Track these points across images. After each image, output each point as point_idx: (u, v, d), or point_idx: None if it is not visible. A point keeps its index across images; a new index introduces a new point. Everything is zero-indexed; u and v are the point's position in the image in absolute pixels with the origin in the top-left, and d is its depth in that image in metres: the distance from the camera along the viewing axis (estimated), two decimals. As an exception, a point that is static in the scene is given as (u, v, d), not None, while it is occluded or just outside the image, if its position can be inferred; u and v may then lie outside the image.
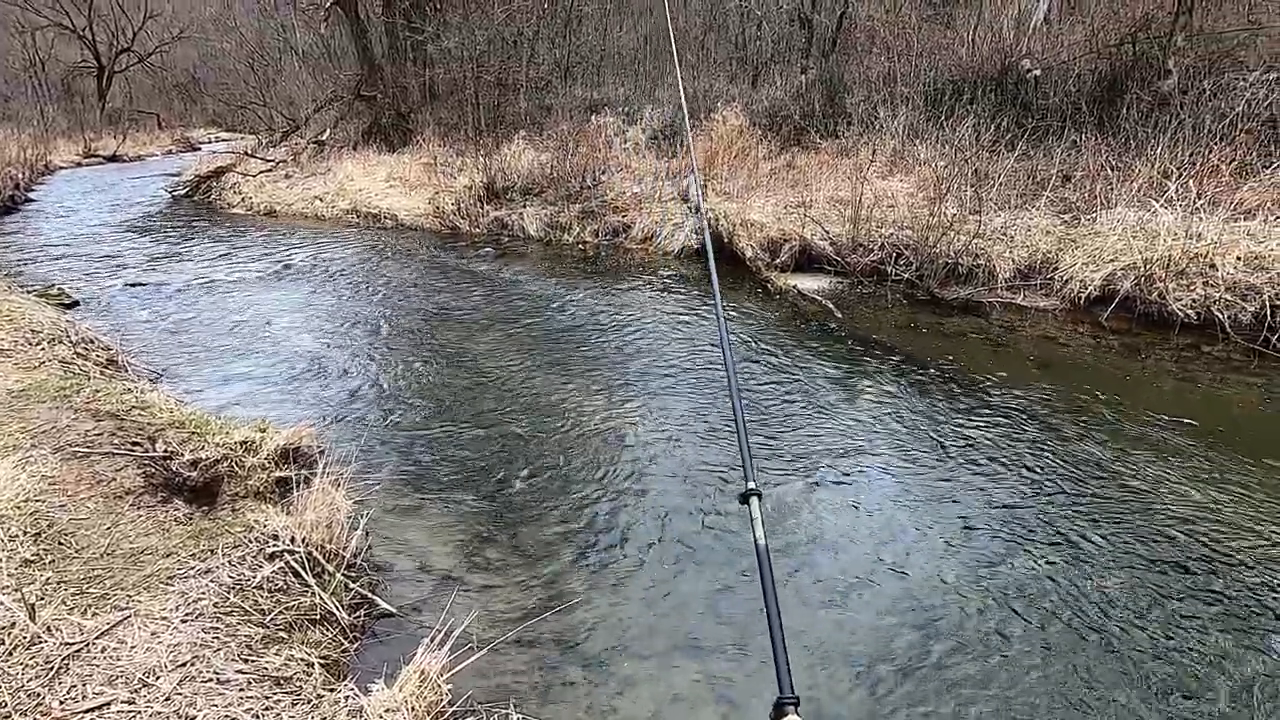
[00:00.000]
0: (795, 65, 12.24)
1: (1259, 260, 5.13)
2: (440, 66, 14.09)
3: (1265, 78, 6.89)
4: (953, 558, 3.01)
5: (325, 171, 12.59)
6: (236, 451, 3.46)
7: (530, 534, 3.23)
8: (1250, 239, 5.40)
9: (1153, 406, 4.22)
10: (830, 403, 4.41)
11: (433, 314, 6.45)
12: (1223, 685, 2.37)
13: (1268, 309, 4.90)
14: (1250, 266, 5.12)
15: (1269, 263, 5.09)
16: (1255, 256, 5.17)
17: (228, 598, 2.47)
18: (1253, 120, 6.56)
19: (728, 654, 2.55)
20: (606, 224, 8.96)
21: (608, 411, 4.38)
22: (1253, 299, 4.99)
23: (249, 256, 8.68)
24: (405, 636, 2.58)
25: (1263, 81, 6.82)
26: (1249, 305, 4.99)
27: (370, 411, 4.48)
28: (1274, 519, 3.15)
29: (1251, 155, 6.29)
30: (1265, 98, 6.63)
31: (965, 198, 6.70)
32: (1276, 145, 6.43)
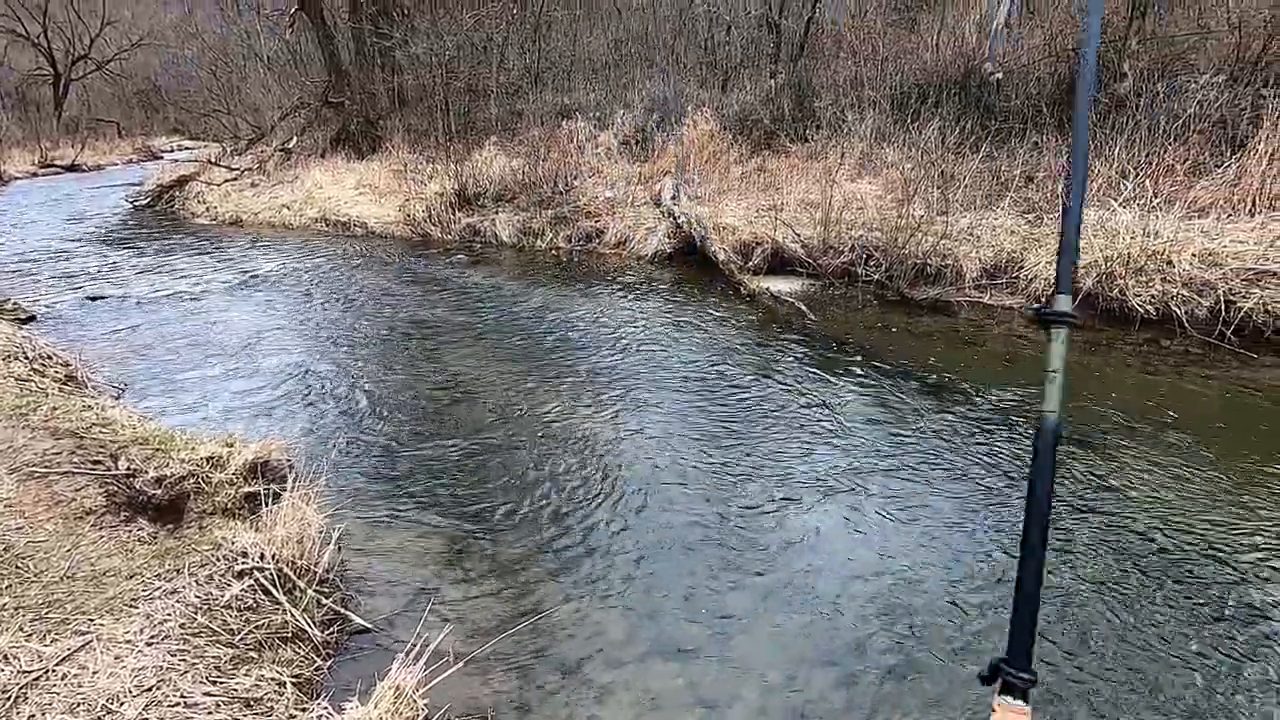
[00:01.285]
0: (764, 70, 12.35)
1: (1213, 257, 5.30)
2: (409, 72, 13.97)
3: (1215, 80, 7.12)
4: (923, 553, 3.05)
5: (293, 179, 12.39)
6: (203, 467, 3.39)
7: (507, 543, 3.21)
8: (1204, 236, 5.58)
9: (1117, 400, 4.33)
10: (804, 404, 4.45)
11: (404, 322, 6.38)
12: (1190, 671, 2.43)
13: (1222, 304, 5.06)
14: (1205, 263, 5.28)
15: (1222, 259, 5.25)
16: (1209, 253, 5.34)
17: (194, 618, 2.41)
18: (1204, 121, 6.78)
19: (706, 657, 2.55)
20: (579, 229, 8.95)
21: (584, 419, 4.36)
22: (1208, 294, 5.15)
23: (214, 267, 8.51)
24: (380, 652, 2.55)
25: (1212, 84, 7.05)
26: (1205, 300, 5.14)
27: (342, 423, 4.42)
28: (1234, 506, 3.25)
29: (1204, 155, 6.50)
30: (1215, 99, 6.85)
31: (932, 199, 6.82)
32: (1227, 145, 6.64)
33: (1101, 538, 3.11)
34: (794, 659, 2.53)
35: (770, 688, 2.42)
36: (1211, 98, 6.89)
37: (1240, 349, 4.86)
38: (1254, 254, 5.21)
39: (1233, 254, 5.28)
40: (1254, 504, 3.28)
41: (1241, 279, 5.11)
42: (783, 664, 2.51)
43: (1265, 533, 3.09)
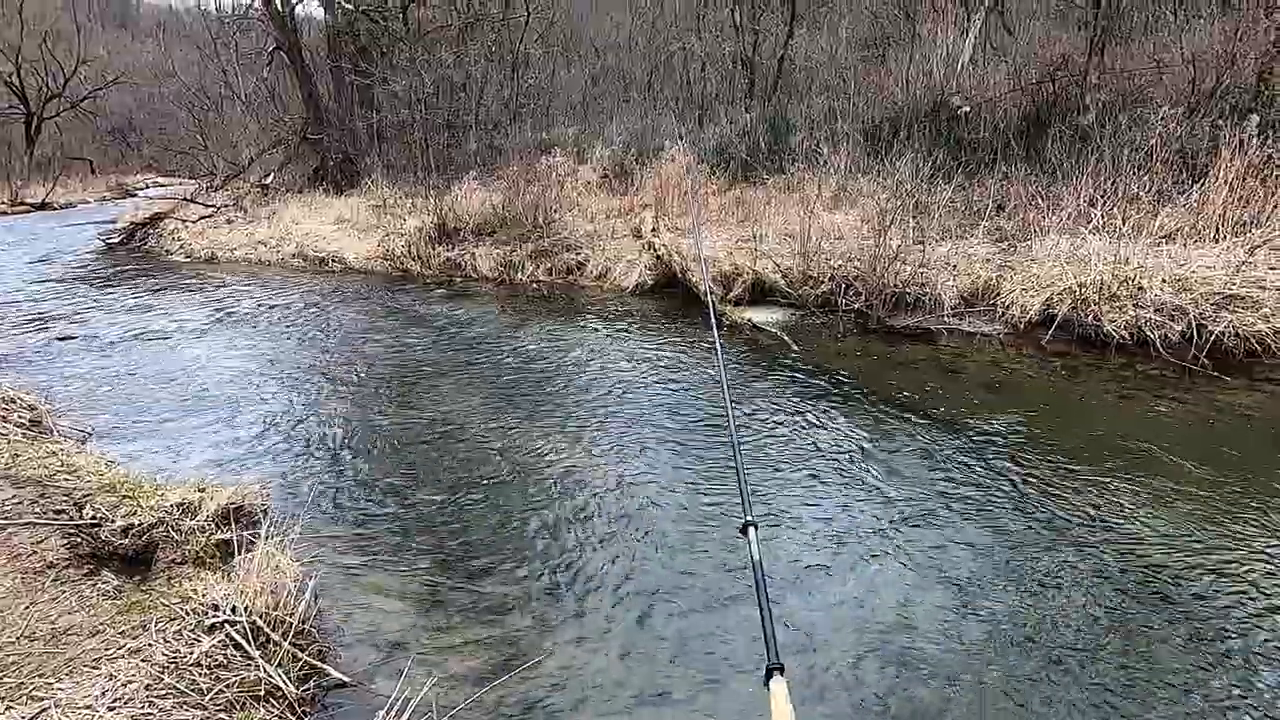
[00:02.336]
0: (739, 105, 12.61)
1: (1182, 282, 5.42)
2: (388, 109, 14.05)
3: (1173, 112, 7.38)
4: (900, 578, 3.01)
5: (270, 215, 12.32)
6: (173, 515, 3.27)
7: (490, 589, 3.11)
8: (1172, 262, 5.72)
9: (1095, 424, 4.36)
10: (788, 434, 4.43)
11: (384, 360, 6.29)
12: (1161, 683, 2.40)
13: (1193, 328, 5.16)
14: (1175, 288, 5.40)
15: (1191, 284, 5.38)
16: (1178, 279, 5.47)
17: (161, 678, 2.29)
18: (1166, 151, 7.00)
19: (696, 702, 2.47)
20: (560, 262, 8.96)
21: (566, 458, 4.30)
22: (1179, 319, 5.25)
23: (188, 305, 8.36)
24: (360, 708, 2.43)
25: (1171, 115, 7.30)
26: (1176, 324, 5.25)
27: (318, 466, 4.30)
28: (1209, 527, 3.26)
29: (1167, 183, 6.70)
30: (1175, 130, 7.09)
31: (908, 229, 6.93)
32: (1188, 174, 6.86)
33: (1082, 561, 3.09)
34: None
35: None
36: (1171, 129, 7.13)
37: (1213, 372, 4.94)
38: (1221, 279, 5.34)
39: (1201, 279, 5.41)
40: (1229, 524, 3.29)
41: (1211, 303, 5.22)
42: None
43: (1241, 551, 3.09)
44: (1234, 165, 6.25)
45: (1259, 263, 5.48)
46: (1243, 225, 6.09)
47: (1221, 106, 7.47)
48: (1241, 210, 6.18)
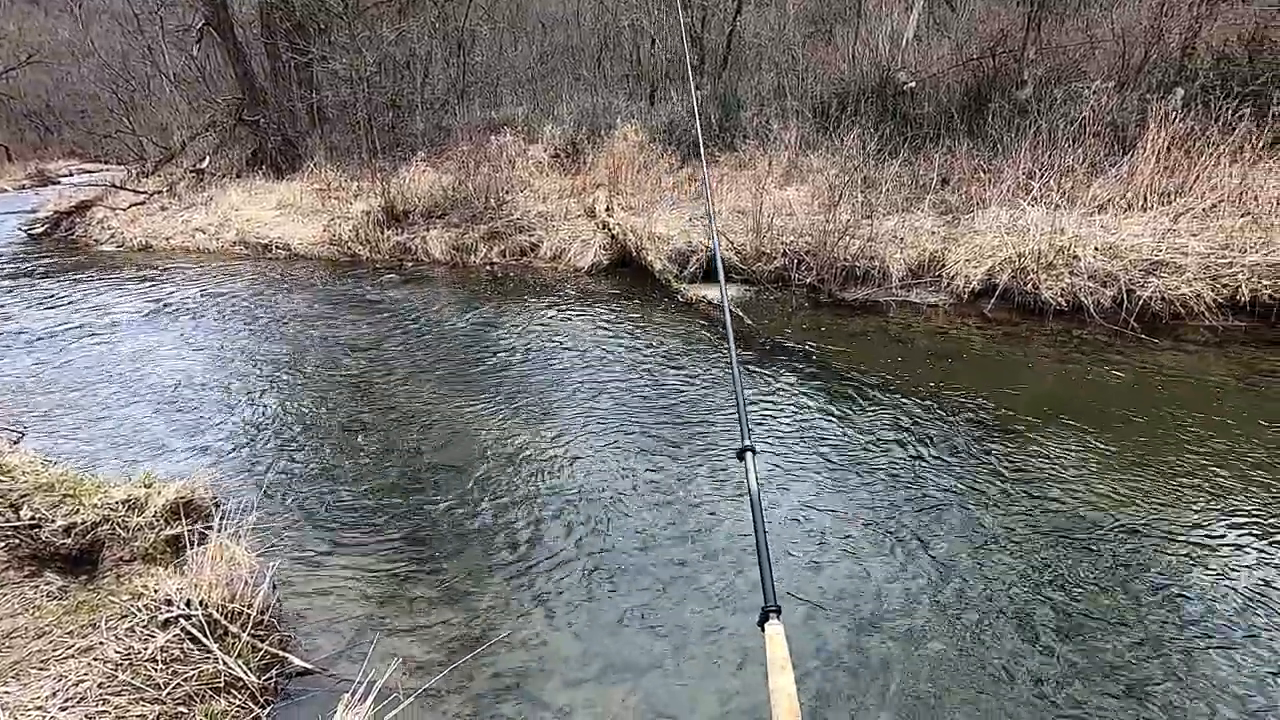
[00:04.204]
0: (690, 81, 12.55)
1: (1113, 250, 5.68)
2: (329, 88, 13.54)
3: (1105, 86, 7.66)
4: (850, 537, 3.13)
5: (207, 202, 11.80)
6: (118, 512, 3.17)
7: (453, 569, 3.11)
8: (1104, 231, 5.98)
9: (1033, 387, 4.57)
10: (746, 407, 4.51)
11: (334, 347, 6.14)
12: (1092, 618, 2.57)
13: (1124, 294, 5.42)
14: (1107, 256, 5.65)
15: (1122, 252, 5.64)
16: (1110, 247, 5.72)
17: (115, 676, 2.24)
18: (1098, 124, 7.28)
19: (663, 669, 2.54)
20: (514, 244, 8.85)
21: (524, 437, 4.30)
22: (1111, 285, 5.51)
23: (123, 297, 8.00)
24: (324, 694, 2.42)
25: (1103, 89, 7.58)
26: (1108, 290, 5.50)
27: (271, 456, 4.21)
28: (1139, 481, 3.47)
29: (1099, 156, 6.98)
30: (1106, 104, 7.37)
31: (857, 204, 7.06)
32: (1119, 146, 7.15)
33: (1023, 518, 3.26)
34: (748, 664, 2.55)
35: (728, 694, 2.43)
36: (1103, 102, 7.41)
37: (1142, 334, 5.21)
38: (1148, 246, 5.61)
39: (1130, 247, 5.67)
40: (1156, 474, 3.51)
41: (1140, 270, 5.49)
42: (738, 670, 2.52)
43: (1167, 498, 3.31)
44: (1160, 137, 6.54)
45: (1182, 230, 5.77)
46: (1168, 194, 6.39)
47: (1149, 80, 7.78)
48: (1167, 180, 6.48)
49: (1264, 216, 5.65)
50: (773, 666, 1.13)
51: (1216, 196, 6.06)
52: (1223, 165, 6.23)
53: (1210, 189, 6.15)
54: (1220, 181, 6.14)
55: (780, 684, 1.10)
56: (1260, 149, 6.20)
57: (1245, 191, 5.95)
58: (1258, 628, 2.60)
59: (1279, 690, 2.35)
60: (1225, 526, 3.14)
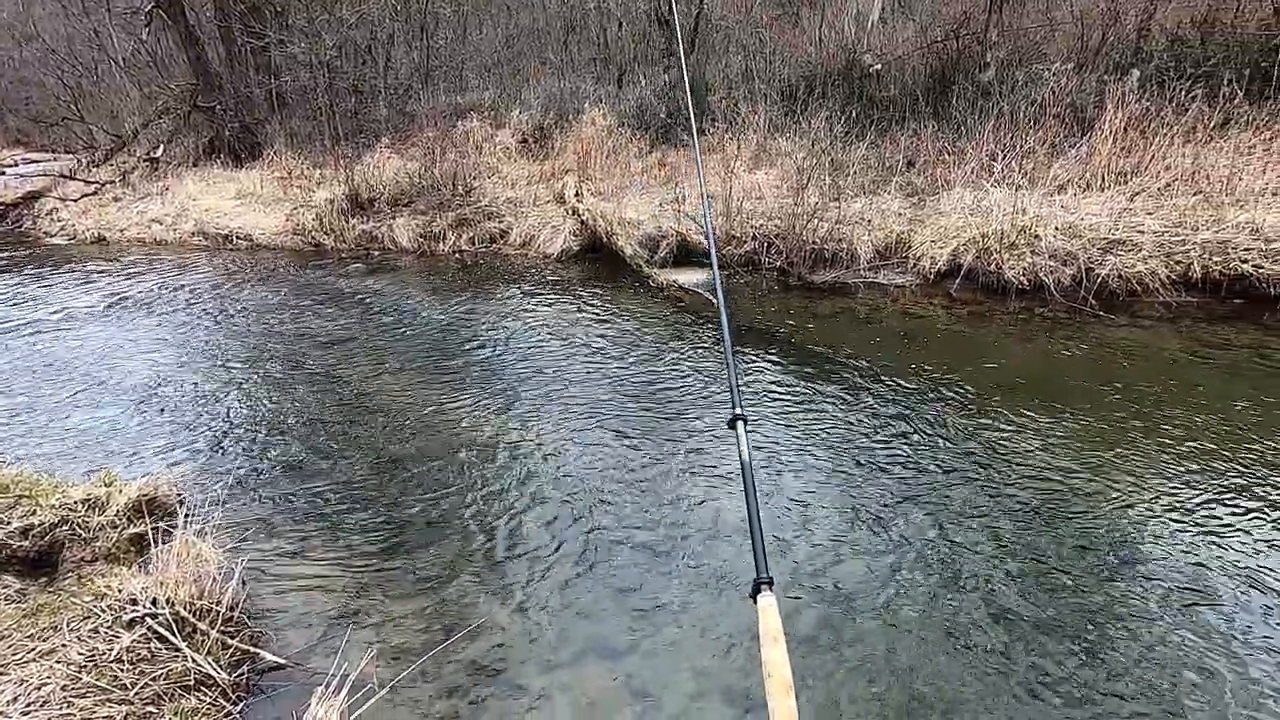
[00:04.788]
0: (658, 65, 12.47)
1: (1072, 230, 5.81)
2: (288, 74, 13.17)
3: (1064, 68, 7.80)
4: (819, 513, 3.19)
5: (162, 191, 11.44)
6: (78, 512, 3.09)
7: (427, 559, 3.10)
8: (1064, 211, 6.11)
9: (997, 365, 4.68)
10: (717, 392, 4.54)
11: (300, 338, 6.03)
12: (1053, 585, 2.66)
13: (1083, 272, 5.56)
14: (1066, 235, 5.78)
15: (1081, 231, 5.77)
16: (1070, 227, 5.85)
17: (79, 678, 2.19)
18: (1058, 106, 7.41)
19: (641, 651, 2.57)
20: (482, 230, 8.75)
21: (496, 425, 4.28)
22: (1071, 264, 5.64)
23: (77, 291, 7.74)
24: (297, 688, 2.40)
25: (1063, 71, 7.71)
26: (1068, 269, 5.64)
27: (237, 451, 4.13)
28: (1098, 454, 3.59)
29: (1060, 137, 7.12)
30: (1066, 86, 7.51)
31: (825, 187, 7.11)
32: (1078, 126, 7.30)
33: (988, 488, 3.35)
34: (724, 642, 2.59)
35: (703, 672, 2.47)
36: (1063, 84, 7.54)
37: (1101, 312, 5.35)
38: (1106, 225, 5.75)
39: (1089, 226, 5.81)
40: (1115, 447, 3.63)
41: (1098, 248, 5.63)
42: (714, 648, 2.56)
43: (1125, 471, 3.42)
44: (1117, 118, 6.69)
45: (1138, 209, 5.92)
46: (1125, 174, 6.55)
47: (1107, 62, 7.94)
48: (1124, 160, 6.64)
49: (1215, 195, 5.83)
50: (765, 639, 1.10)
51: (1170, 176, 6.22)
52: (1176, 145, 6.41)
53: (1165, 169, 6.32)
54: (1174, 161, 6.31)
55: (773, 656, 1.07)
56: (1211, 129, 6.38)
57: (1198, 171, 6.12)
58: (1212, 590, 2.72)
59: (1230, 649, 2.46)
60: (1180, 493, 3.26)
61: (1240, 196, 5.76)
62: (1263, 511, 3.12)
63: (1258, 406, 3.96)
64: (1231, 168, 5.99)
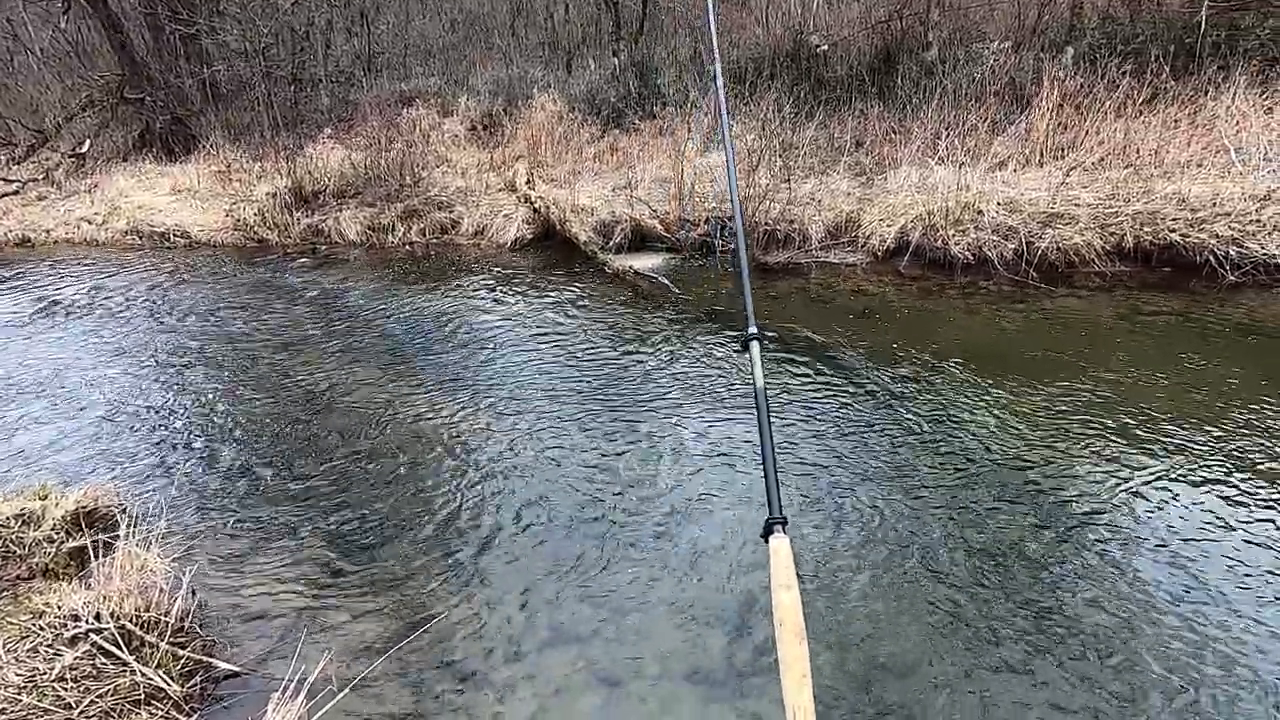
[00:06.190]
0: (607, 49, 12.35)
1: (1013, 205, 5.98)
2: (221, 62, 12.64)
3: (1003, 46, 7.98)
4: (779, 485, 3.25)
5: (91, 189, 10.90)
6: (11, 527, 2.96)
7: (385, 556, 3.06)
8: (1006, 186, 6.28)
9: (944, 338, 4.81)
10: (674, 377, 4.57)
11: (246, 338, 5.84)
12: (1004, 557, 2.77)
13: (1024, 245, 5.74)
14: (1008, 210, 5.95)
15: (1021, 206, 5.95)
16: (1011, 202, 6.02)
17: (19, 700, 2.11)
18: (998, 83, 7.59)
19: (605, 636, 2.58)
20: (433, 221, 8.58)
21: (452, 418, 4.22)
22: (1012, 238, 5.81)
23: (2, 296, 7.34)
24: (253, 694, 2.35)
25: (1001, 50, 7.89)
26: (1010, 243, 5.80)
27: (181, 457, 3.99)
28: (1040, 420, 3.73)
29: (1000, 114, 7.30)
30: (1004, 64, 7.69)
31: (775, 168, 7.17)
32: (1017, 104, 7.49)
33: (933, 457, 3.46)
34: (689, 625, 2.62)
35: (668, 655, 2.50)
36: (1001, 63, 7.73)
37: (1041, 284, 5.54)
38: (1045, 200, 5.94)
39: (1029, 201, 5.99)
40: (1057, 414, 3.77)
41: (1037, 222, 5.81)
42: (679, 631, 2.59)
43: (1067, 436, 3.57)
44: (1053, 95, 6.89)
45: (1074, 183, 6.12)
46: (1061, 150, 6.76)
47: (1043, 40, 8.15)
48: (1060, 136, 6.85)
49: (1144, 168, 6.06)
50: (776, 581, 1.05)
51: (1104, 150, 6.45)
52: (1109, 120, 6.63)
53: (1098, 143, 6.54)
54: (1107, 136, 6.54)
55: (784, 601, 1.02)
56: (1140, 104, 6.62)
57: (1128, 145, 6.36)
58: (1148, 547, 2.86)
59: (1169, 605, 2.59)
60: (1118, 454, 3.41)
61: (1168, 168, 6.00)
62: (1194, 464, 3.29)
63: (1187, 368, 4.17)
64: (1159, 141, 6.24)
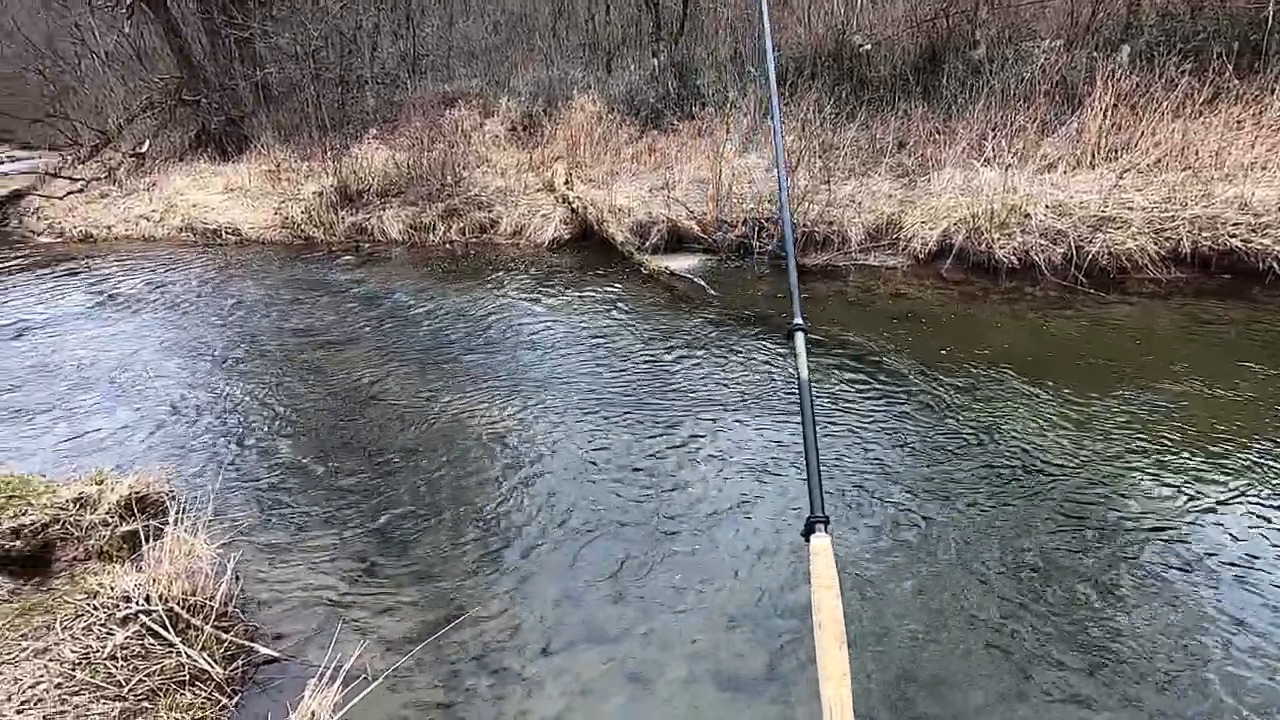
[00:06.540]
0: (646, 50, 12.36)
1: (1063, 208, 5.80)
2: (273, 65, 13.03)
3: (1054, 45, 7.74)
4: (824, 490, 3.20)
5: (150, 187, 11.34)
6: (69, 510, 3.09)
7: (420, 550, 3.11)
8: (1055, 189, 6.09)
9: (989, 344, 4.68)
10: (713, 379, 4.54)
11: (291, 332, 6.01)
12: (1057, 575, 2.69)
13: (1073, 250, 5.56)
14: (1057, 214, 5.77)
15: (1070, 209, 5.76)
16: (1060, 205, 5.84)
17: (73, 675, 2.20)
18: (1048, 83, 7.37)
19: (633, 635, 2.58)
20: (473, 220, 8.70)
21: (489, 416, 4.28)
22: (1061, 242, 5.64)
23: (65, 289, 7.69)
24: (291, 680, 2.42)
25: (1053, 48, 7.66)
26: (1059, 248, 5.63)
27: (228, 447, 4.12)
28: (1089, 429, 3.60)
29: (1049, 114, 7.08)
30: (1055, 63, 7.46)
31: (815, 169, 7.08)
32: (1068, 104, 7.26)
33: (980, 467, 3.37)
34: (722, 628, 2.60)
35: (696, 656, 2.48)
36: (1052, 61, 7.50)
37: (1091, 290, 5.36)
38: (1096, 203, 5.74)
39: (1079, 204, 5.80)
40: (1103, 422, 3.64)
41: (1088, 226, 5.62)
42: (711, 635, 2.58)
43: (1113, 444, 3.44)
44: (1107, 95, 6.65)
45: (1128, 185, 5.91)
46: (1115, 151, 6.53)
47: (1097, 38, 7.89)
48: (1114, 137, 6.62)
49: (1204, 170, 5.82)
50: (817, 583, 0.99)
51: (1160, 152, 6.21)
52: (1166, 121, 6.38)
53: (1154, 145, 6.30)
54: (1164, 137, 6.29)
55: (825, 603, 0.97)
56: (1200, 104, 6.35)
57: (1187, 146, 6.11)
58: (1198, 561, 2.74)
59: (1219, 620, 2.48)
60: (1180, 469, 3.28)
61: (1229, 171, 5.75)
62: (1262, 482, 3.14)
63: (1252, 380, 3.98)
64: (1220, 142, 5.98)
